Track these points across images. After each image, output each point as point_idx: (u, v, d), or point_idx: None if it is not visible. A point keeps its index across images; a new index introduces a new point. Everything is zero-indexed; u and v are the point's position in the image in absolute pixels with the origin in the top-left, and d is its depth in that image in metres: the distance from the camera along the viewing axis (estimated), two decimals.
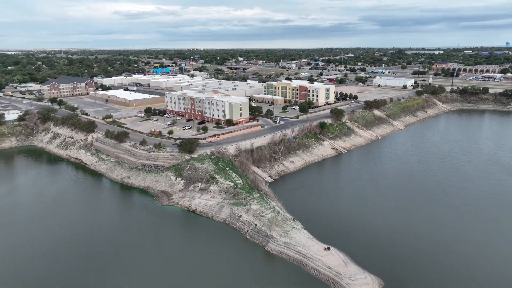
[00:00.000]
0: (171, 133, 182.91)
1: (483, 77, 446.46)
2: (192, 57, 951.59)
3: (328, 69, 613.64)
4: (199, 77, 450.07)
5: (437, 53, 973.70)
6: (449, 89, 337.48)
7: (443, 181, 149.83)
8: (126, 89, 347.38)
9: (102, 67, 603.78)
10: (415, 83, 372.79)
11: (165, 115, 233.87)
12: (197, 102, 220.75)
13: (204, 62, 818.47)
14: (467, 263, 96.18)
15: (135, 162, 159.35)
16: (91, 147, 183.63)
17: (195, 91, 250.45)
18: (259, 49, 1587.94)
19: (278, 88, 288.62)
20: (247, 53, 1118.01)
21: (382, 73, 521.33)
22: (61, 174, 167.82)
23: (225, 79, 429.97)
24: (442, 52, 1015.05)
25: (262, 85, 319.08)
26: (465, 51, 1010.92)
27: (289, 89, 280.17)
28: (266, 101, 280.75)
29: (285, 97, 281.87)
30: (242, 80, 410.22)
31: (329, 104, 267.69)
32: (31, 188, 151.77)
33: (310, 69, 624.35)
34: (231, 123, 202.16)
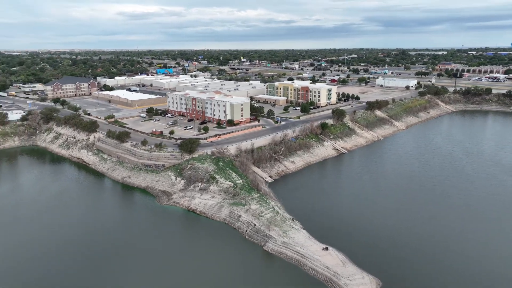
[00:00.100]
0: (172, 133, 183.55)
1: (487, 77, 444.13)
2: (195, 58, 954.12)
3: (331, 69, 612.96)
4: (201, 77, 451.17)
5: (440, 53, 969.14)
6: (452, 90, 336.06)
7: (444, 182, 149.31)
8: (128, 90, 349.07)
9: (105, 67, 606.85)
10: (418, 83, 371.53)
11: (166, 115, 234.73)
12: (198, 102, 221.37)
13: (207, 62, 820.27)
14: (466, 264, 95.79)
15: (136, 162, 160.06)
16: (93, 147, 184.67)
17: (197, 92, 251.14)
18: (262, 50, 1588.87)
19: (280, 88, 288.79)
20: (250, 54, 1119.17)
21: (385, 73, 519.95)
22: (62, 173, 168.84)
23: (228, 79, 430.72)
24: (446, 52, 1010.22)
25: (264, 85, 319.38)
26: (469, 52, 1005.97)
27: (291, 90, 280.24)
28: (268, 102, 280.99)
29: (287, 97, 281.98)
30: (244, 80, 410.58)
31: (331, 104, 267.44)
32: (33, 187, 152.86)
33: (313, 69, 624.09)
34: (232, 123, 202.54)
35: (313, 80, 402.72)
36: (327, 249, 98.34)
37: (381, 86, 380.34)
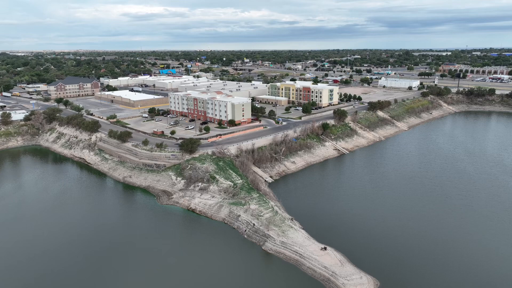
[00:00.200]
0: (174, 133, 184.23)
1: (491, 78, 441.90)
2: (198, 59, 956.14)
3: (333, 70, 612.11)
4: (204, 78, 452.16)
5: (444, 54, 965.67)
6: (455, 90, 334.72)
7: (445, 183, 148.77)
8: (131, 90, 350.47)
9: (109, 68, 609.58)
10: (420, 84, 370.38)
11: (168, 116, 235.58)
12: (200, 102, 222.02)
13: (210, 63, 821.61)
14: (465, 264, 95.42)
15: (137, 161, 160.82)
16: (94, 146, 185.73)
17: (199, 92, 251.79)
18: (266, 51, 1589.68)
19: (281, 89, 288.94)
20: (253, 55, 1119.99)
21: (388, 74, 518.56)
22: (64, 173, 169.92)
23: (231, 80, 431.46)
24: (449, 53, 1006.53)
25: (266, 86, 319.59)
26: (474, 53, 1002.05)
27: (293, 90, 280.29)
28: (269, 102, 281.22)
29: (289, 98, 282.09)
30: (247, 81, 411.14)
31: (333, 105, 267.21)
32: (35, 187, 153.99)
33: (315, 70, 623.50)
34: (233, 123, 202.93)
35: (316, 80, 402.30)
36: (325, 249, 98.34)
37: (384, 86, 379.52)
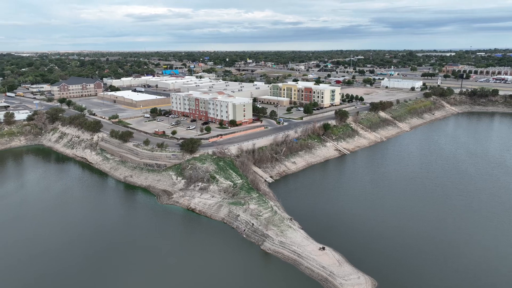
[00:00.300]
0: (175, 133, 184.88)
1: (494, 79, 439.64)
2: (201, 59, 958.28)
3: (336, 71, 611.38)
4: (206, 78, 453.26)
5: (448, 55, 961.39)
6: (458, 91, 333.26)
7: (445, 183, 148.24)
8: (134, 90, 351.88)
9: (112, 68, 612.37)
10: (423, 85, 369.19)
11: (170, 116, 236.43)
12: (201, 103, 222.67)
13: (213, 64, 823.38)
14: (464, 265, 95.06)
15: (138, 161, 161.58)
16: (96, 146, 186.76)
17: (200, 92, 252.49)
18: (269, 51, 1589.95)
19: (283, 89, 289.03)
20: (257, 55, 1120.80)
21: (391, 75, 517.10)
22: (66, 173, 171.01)
23: (233, 80, 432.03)
24: (453, 54, 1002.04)
25: (268, 86, 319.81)
26: (478, 53, 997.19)
27: (295, 91, 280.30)
28: (271, 103, 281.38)
29: (291, 98, 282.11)
30: (249, 81, 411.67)
31: (335, 105, 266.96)
32: (37, 186, 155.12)
33: (318, 71, 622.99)
34: (234, 123, 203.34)
35: (318, 81, 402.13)
36: (323, 249, 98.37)
37: (386, 87, 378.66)
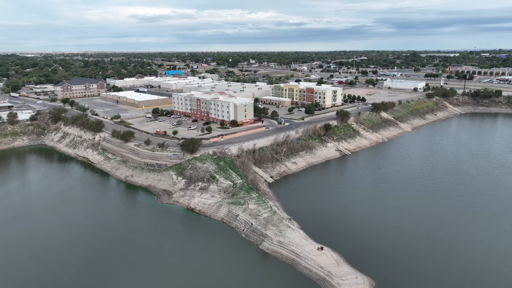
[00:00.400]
0: (176, 133, 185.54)
1: (498, 80, 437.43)
2: (204, 60, 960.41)
3: (339, 71, 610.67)
4: (209, 79, 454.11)
5: (452, 56, 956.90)
6: (461, 92, 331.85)
7: (446, 184, 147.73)
8: (137, 91, 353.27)
9: (116, 69, 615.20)
10: (426, 85, 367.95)
11: (172, 116, 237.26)
12: (203, 103, 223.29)
13: (216, 64, 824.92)
14: (463, 266, 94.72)
15: (139, 161, 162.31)
16: (98, 146, 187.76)
17: (202, 93, 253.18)
18: (272, 52, 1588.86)
19: (285, 90, 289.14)
20: (260, 56, 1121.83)
21: (394, 75, 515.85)
22: (68, 172, 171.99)
23: (236, 81, 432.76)
24: (457, 55, 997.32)
25: (270, 87, 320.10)
26: (482, 54, 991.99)
27: (296, 91, 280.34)
28: (273, 103, 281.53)
29: (292, 98, 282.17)
30: (251, 82, 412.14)
31: (336, 106, 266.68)
32: (39, 185, 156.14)
33: (321, 71, 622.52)
34: (235, 124, 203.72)
35: (321, 81, 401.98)
36: (322, 249, 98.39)
37: (389, 88, 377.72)
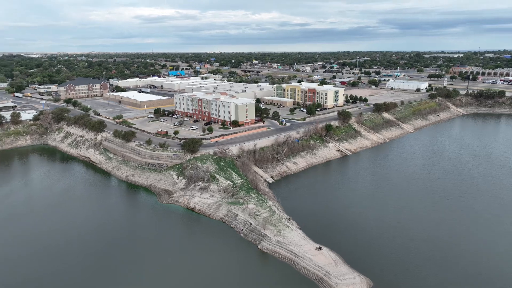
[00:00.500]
0: (177, 133, 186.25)
1: (502, 80, 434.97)
2: (207, 60, 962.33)
3: (342, 72, 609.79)
4: (211, 79, 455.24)
5: (456, 56, 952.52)
6: (464, 92, 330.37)
7: (447, 184, 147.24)
8: (139, 91, 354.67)
9: (119, 69, 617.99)
10: (429, 86, 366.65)
11: (173, 116, 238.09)
12: (204, 103, 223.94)
13: (219, 65, 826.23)
14: (462, 266, 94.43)
15: (140, 161, 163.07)
16: (100, 146, 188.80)
17: (204, 93, 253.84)
18: (276, 53, 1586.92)
19: (287, 90, 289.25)
20: (263, 57, 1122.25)
21: (397, 76, 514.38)
22: (70, 172, 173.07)
23: (238, 81, 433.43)
24: (461, 55, 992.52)
25: (272, 87, 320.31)
26: (486, 54, 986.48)
27: (298, 91, 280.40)
28: (275, 103, 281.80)
29: (294, 99, 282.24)
30: (254, 82, 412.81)
31: (338, 106, 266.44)
32: (41, 185, 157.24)
33: (324, 72, 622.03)
34: (236, 124, 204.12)
35: (323, 82, 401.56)
36: (320, 248, 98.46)
37: (392, 88, 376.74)
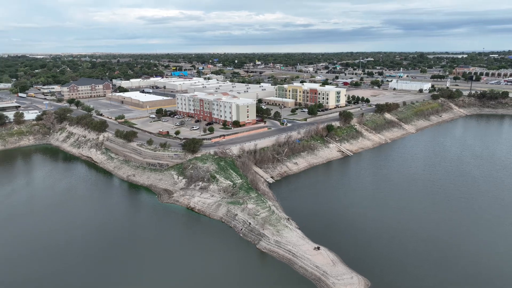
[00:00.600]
0: (178, 133, 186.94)
1: (506, 81, 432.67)
2: (210, 61, 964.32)
3: (345, 72, 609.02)
4: (214, 80, 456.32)
5: (460, 57, 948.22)
6: (467, 93, 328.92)
7: (448, 185, 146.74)
8: (142, 91, 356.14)
9: (123, 70, 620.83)
10: (432, 87, 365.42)
11: (175, 116, 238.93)
12: (206, 103, 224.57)
13: (222, 65, 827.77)
14: (461, 266, 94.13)
15: (141, 160, 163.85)
16: (101, 146, 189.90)
17: (205, 93, 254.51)
18: (279, 53, 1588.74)
19: (289, 91, 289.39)
20: (266, 57, 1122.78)
21: (400, 77, 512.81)
22: (72, 171, 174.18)
23: (241, 82, 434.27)
24: (465, 56, 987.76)
25: (274, 88, 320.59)
26: (491, 55, 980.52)
27: (300, 92, 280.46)
28: (277, 104, 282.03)
29: (296, 99, 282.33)
30: (256, 83, 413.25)
31: (340, 107, 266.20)
32: (42, 184, 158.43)
33: (327, 72, 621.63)
34: (238, 124, 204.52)
35: (325, 82, 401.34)
36: (318, 248, 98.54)
37: (394, 89, 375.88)
